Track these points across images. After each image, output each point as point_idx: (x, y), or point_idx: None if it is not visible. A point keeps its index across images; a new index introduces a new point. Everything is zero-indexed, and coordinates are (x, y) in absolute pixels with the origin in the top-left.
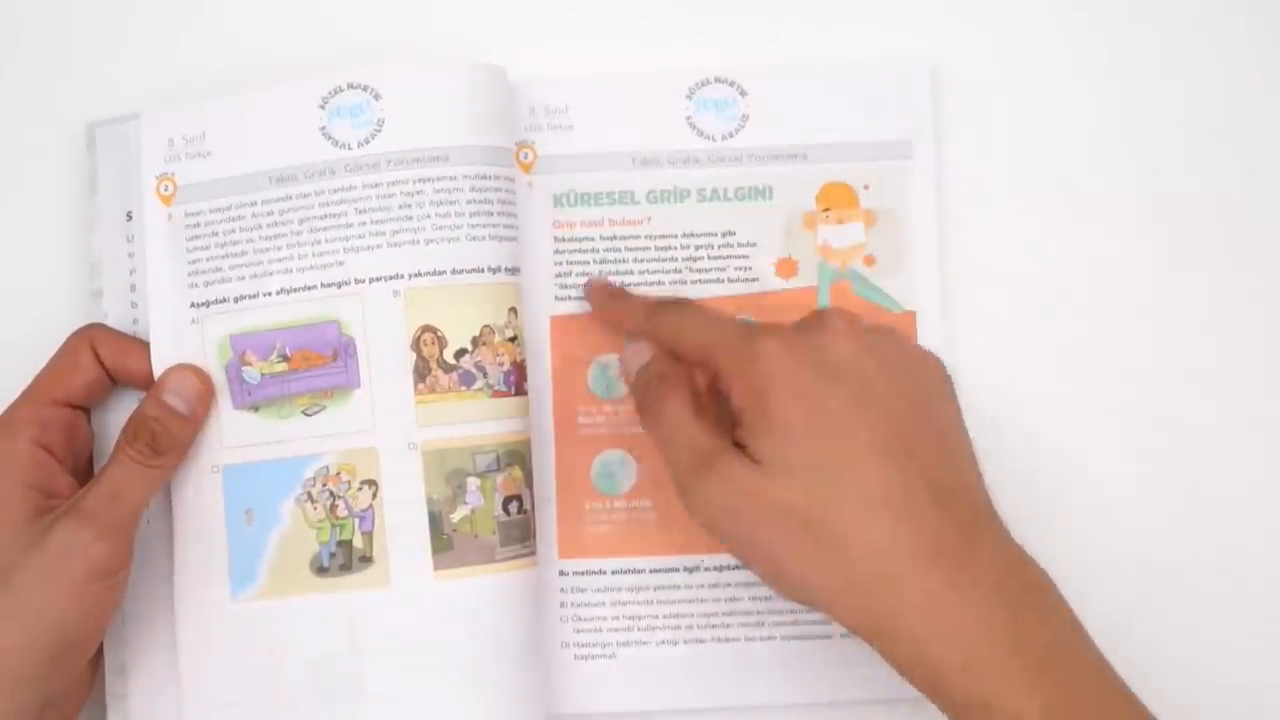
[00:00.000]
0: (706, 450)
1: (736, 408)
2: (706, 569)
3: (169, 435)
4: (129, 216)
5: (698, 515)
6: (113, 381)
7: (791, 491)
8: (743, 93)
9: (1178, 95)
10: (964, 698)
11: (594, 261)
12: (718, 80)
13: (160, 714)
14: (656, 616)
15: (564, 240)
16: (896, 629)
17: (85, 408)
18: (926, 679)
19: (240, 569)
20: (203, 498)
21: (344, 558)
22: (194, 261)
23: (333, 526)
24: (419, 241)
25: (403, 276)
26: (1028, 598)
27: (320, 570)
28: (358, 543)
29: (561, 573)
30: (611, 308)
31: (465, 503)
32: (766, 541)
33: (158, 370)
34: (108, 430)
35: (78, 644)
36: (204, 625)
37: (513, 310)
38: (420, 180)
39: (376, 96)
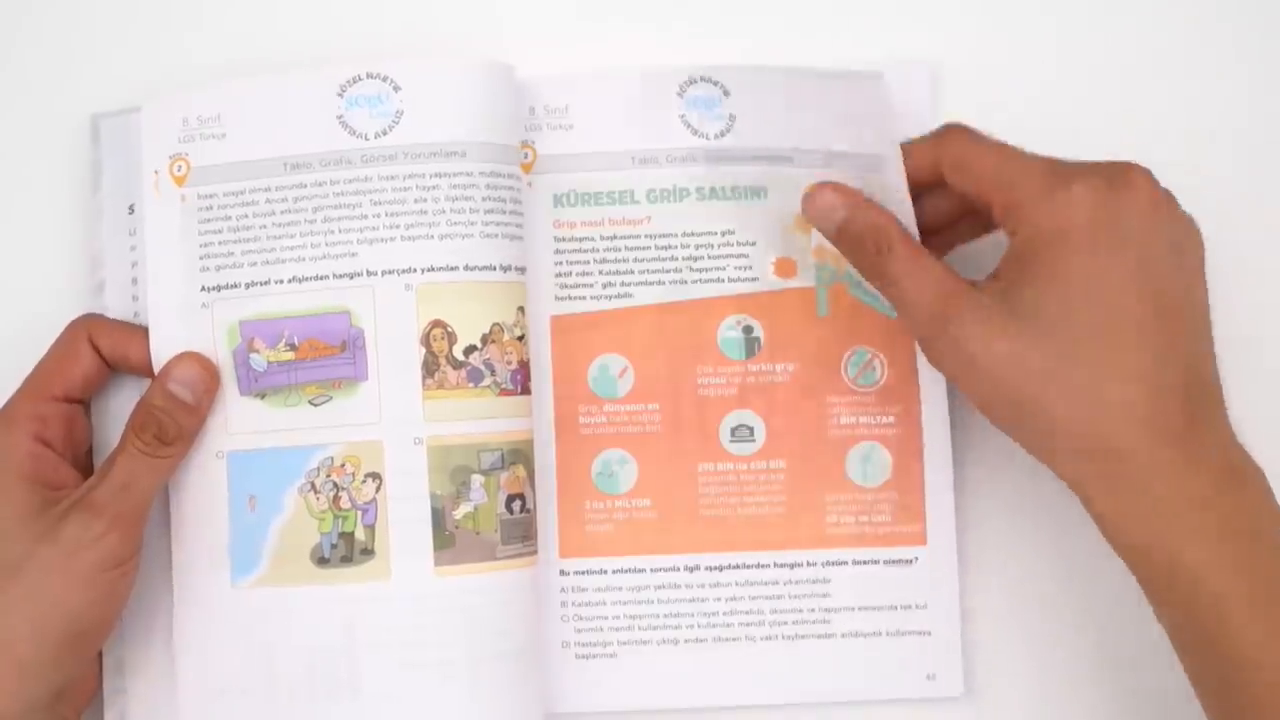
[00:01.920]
0: (954, 289)
1: (1019, 241)
2: (707, 568)
3: (176, 425)
4: (130, 210)
5: (945, 357)
6: (111, 370)
7: (1049, 343)
8: (726, 93)
9: (1178, 95)
10: (1170, 569)
11: (594, 261)
12: (704, 79)
13: (157, 709)
14: (657, 616)
15: (564, 240)
16: (1117, 492)
17: (84, 400)
18: (1134, 546)
19: (241, 555)
20: (206, 483)
21: (345, 549)
22: (205, 244)
23: (335, 518)
24: (434, 236)
25: (416, 270)
26: (1242, 488)
27: (321, 561)
28: (360, 535)
29: (562, 572)
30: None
31: (469, 500)
32: (1012, 386)
33: (160, 355)
34: (105, 420)
35: (90, 633)
36: (202, 609)
37: (520, 309)
38: (437, 175)
39: (396, 88)
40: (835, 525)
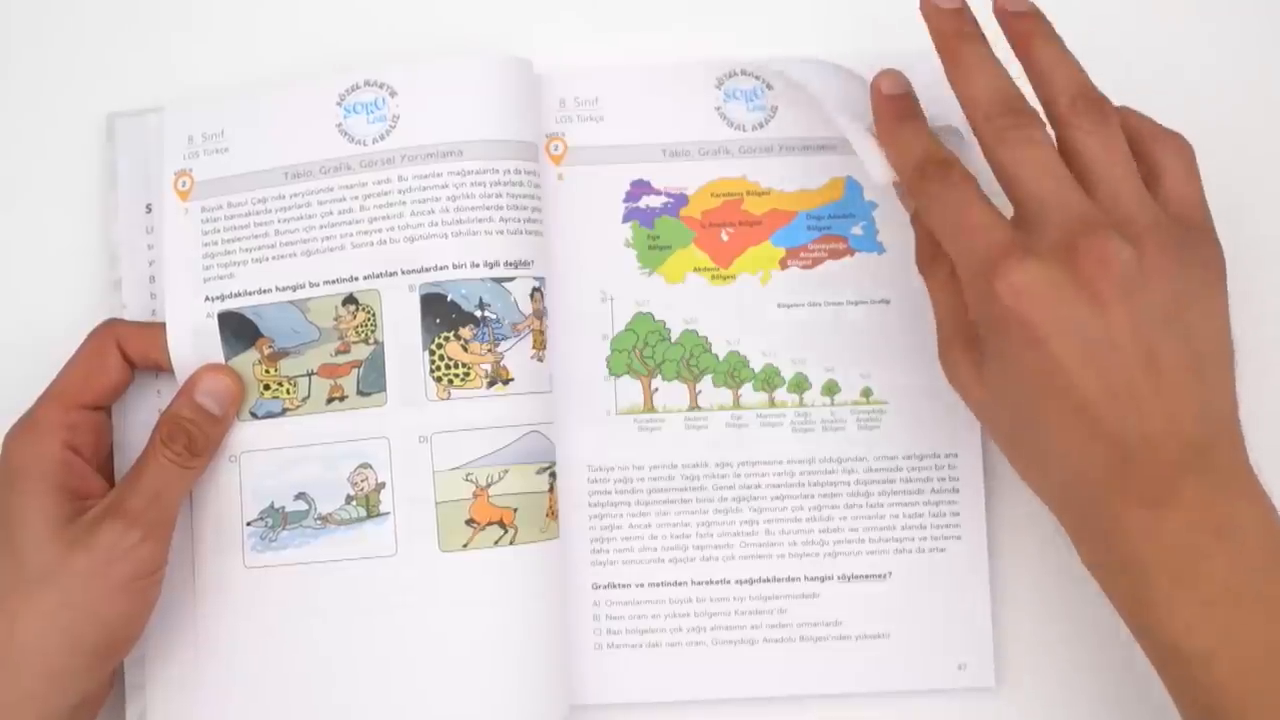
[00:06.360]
0: (1003, 243)
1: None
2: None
3: (204, 437)
4: (148, 209)
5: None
6: (134, 371)
7: (1008, 410)
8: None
9: (1182, 93)
10: (1145, 629)
11: None
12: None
13: (179, 705)
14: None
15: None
16: (1090, 540)
17: (109, 406)
18: (1113, 590)
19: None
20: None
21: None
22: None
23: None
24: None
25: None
26: (1220, 539)
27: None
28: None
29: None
30: (893, 132)
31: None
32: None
33: (176, 363)
34: (123, 421)
35: (120, 642)
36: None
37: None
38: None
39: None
40: None
